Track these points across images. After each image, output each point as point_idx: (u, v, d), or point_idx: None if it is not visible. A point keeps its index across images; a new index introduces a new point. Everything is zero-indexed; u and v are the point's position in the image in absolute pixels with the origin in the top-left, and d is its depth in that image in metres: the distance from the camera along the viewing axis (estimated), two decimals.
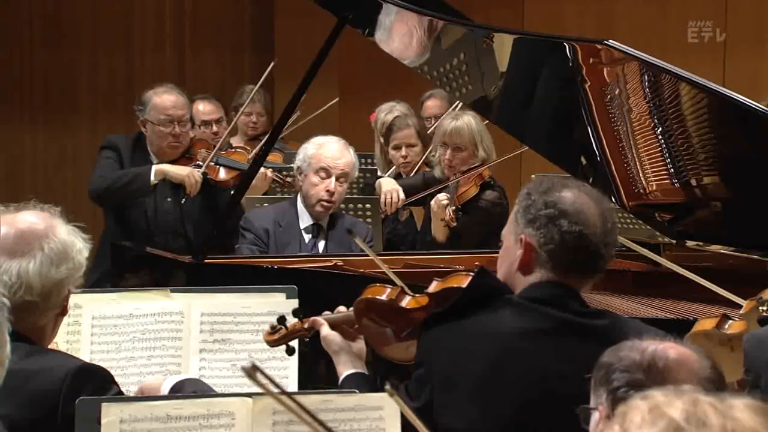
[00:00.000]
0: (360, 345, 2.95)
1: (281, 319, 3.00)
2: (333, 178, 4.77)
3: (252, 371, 1.69)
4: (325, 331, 2.94)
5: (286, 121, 4.70)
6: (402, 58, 4.66)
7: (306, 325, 2.98)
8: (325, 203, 4.78)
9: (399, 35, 4.55)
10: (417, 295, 2.90)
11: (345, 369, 2.90)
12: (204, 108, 6.50)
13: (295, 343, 3.05)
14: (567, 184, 2.65)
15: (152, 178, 5.11)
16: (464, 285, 2.76)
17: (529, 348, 2.55)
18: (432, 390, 2.58)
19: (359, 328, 2.93)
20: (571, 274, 2.61)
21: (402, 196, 5.41)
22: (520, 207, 2.66)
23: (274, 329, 3.00)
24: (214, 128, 6.32)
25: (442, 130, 5.37)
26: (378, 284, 2.96)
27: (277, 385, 1.73)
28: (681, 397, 1.50)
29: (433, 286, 2.89)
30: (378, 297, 2.90)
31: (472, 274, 2.76)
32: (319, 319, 2.97)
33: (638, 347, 2.00)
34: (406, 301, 2.89)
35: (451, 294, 2.75)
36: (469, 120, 5.32)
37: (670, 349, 1.99)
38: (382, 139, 6.29)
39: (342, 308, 2.99)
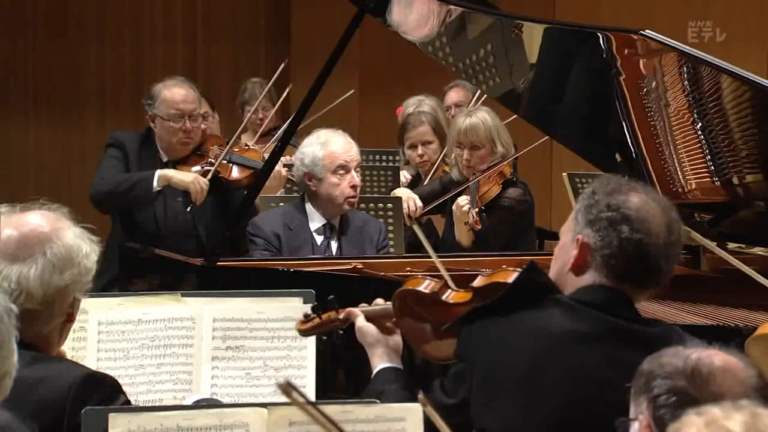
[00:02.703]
0: (396, 339, 2.96)
1: (316, 308, 3.02)
2: (352, 171, 4.80)
3: (287, 387, 1.70)
4: (361, 322, 2.95)
5: (303, 116, 4.70)
6: (426, 50, 4.66)
7: (341, 316, 3.00)
8: (352, 199, 4.81)
9: (423, 25, 4.55)
10: (460, 289, 2.90)
11: (380, 362, 2.92)
12: None
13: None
14: (636, 187, 2.63)
15: (155, 184, 5.08)
16: (510, 280, 2.76)
17: (576, 350, 2.55)
18: (470, 387, 2.59)
19: (397, 322, 2.94)
20: (625, 284, 2.60)
21: (419, 203, 5.39)
22: (582, 205, 2.64)
23: (307, 317, 3.03)
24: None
25: (456, 130, 5.32)
26: (419, 276, 2.96)
27: (313, 405, 1.73)
28: (740, 411, 1.50)
29: (478, 281, 2.89)
30: (419, 288, 2.90)
31: (519, 270, 2.76)
32: (355, 310, 2.99)
33: (681, 354, 2.00)
34: (449, 295, 2.89)
35: (496, 289, 2.75)
36: (483, 116, 5.29)
37: (714, 356, 1.99)
38: None
39: (380, 300, 3.00)
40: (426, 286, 2.91)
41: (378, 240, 4.87)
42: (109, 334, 3.28)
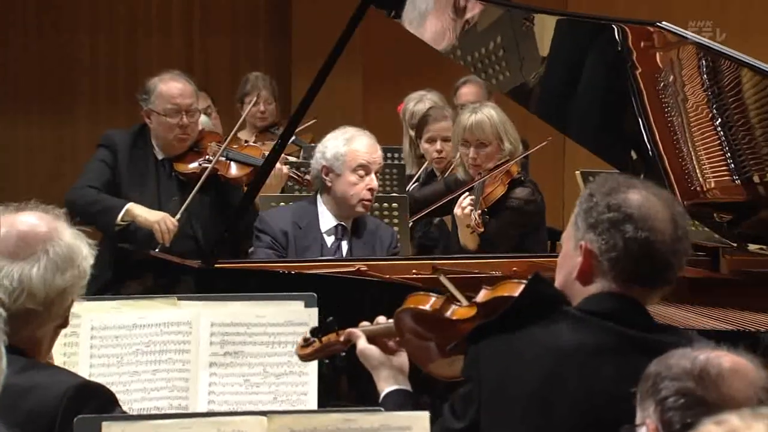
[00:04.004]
0: (402, 358, 2.93)
1: (315, 331, 3.00)
2: (372, 174, 4.80)
3: None
4: (362, 344, 2.93)
5: (304, 112, 4.71)
6: (432, 43, 4.66)
7: (342, 338, 2.98)
8: (366, 202, 4.81)
9: (429, 17, 4.55)
10: (464, 304, 2.89)
11: (386, 385, 2.90)
12: None
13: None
14: (634, 184, 2.62)
15: (119, 219, 5.06)
16: (515, 294, 2.75)
17: (588, 366, 2.54)
18: (479, 408, 2.58)
19: (400, 342, 2.93)
20: (635, 286, 2.59)
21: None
22: (581, 209, 2.63)
23: (307, 342, 3.00)
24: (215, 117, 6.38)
25: (461, 127, 5.31)
26: (421, 293, 2.95)
27: None
28: (761, 419, 1.49)
29: (482, 295, 2.87)
30: (420, 307, 2.89)
31: (524, 282, 2.74)
32: (356, 331, 2.96)
33: (689, 355, 2.02)
34: (452, 312, 2.88)
35: (501, 304, 2.73)
36: (489, 112, 5.28)
37: (723, 357, 2.01)
38: (411, 132, 6.30)
39: (381, 318, 2.98)
40: (428, 303, 2.90)
41: (390, 246, 4.87)
42: (103, 339, 3.28)
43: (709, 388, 1.95)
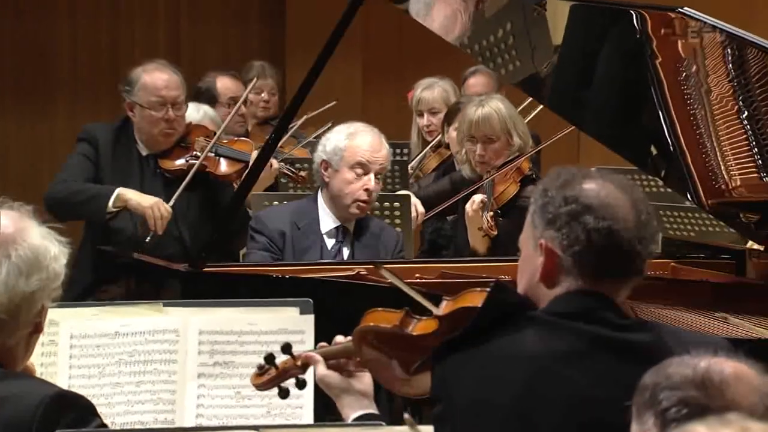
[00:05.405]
0: (365, 380, 2.94)
1: (269, 358, 2.99)
2: (371, 174, 4.79)
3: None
4: (321, 370, 2.93)
5: (300, 104, 4.71)
6: (442, 33, 4.66)
7: (299, 363, 2.98)
8: (362, 204, 4.80)
9: (436, 4, 4.55)
10: (424, 318, 2.89)
11: (351, 411, 2.89)
12: (228, 84, 6.65)
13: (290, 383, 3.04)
14: (589, 174, 2.64)
15: (110, 204, 5.06)
16: (478, 304, 2.75)
17: (561, 373, 2.53)
18: (454, 429, 2.58)
19: (361, 362, 2.94)
20: (604, 280, 2.59)
21: (421, 209, 5.39)
22: (536, 206, 2.64)
23: (262, 370, 3.00)
24: (243, 109, 6.45)
25: (467, 122, 5.31)
26: (380, 309, 2.95)
27: None
28: (728, 426, 1.49)
29: (443, 307, 2.87)
30: (379, 324, 2.90)
31: (486, 290, 2.74)
32: (314, 354, 2.96)
33: (688, 362, 2.02)
34: (413, 327, 2.88)
35: (464, 315, 2.74)
36: (496, 105, 5.29)
37: (724, 363, 2.01)
38: (419, 119, 6.34)
39: (339, 337, 2.99)
40: (386, 320, 2.90)
41: (394, 250, 4.86)
42: (83, 348, 3.28)
43: (713, 396, 1.95)
